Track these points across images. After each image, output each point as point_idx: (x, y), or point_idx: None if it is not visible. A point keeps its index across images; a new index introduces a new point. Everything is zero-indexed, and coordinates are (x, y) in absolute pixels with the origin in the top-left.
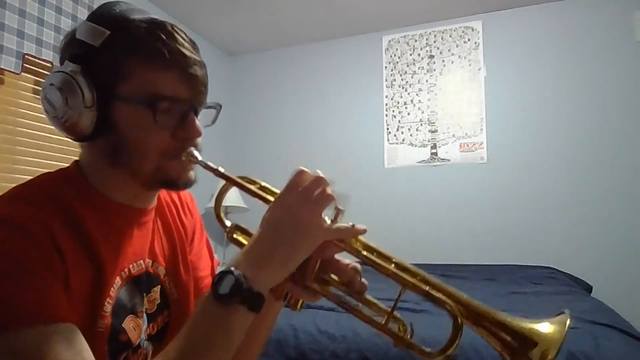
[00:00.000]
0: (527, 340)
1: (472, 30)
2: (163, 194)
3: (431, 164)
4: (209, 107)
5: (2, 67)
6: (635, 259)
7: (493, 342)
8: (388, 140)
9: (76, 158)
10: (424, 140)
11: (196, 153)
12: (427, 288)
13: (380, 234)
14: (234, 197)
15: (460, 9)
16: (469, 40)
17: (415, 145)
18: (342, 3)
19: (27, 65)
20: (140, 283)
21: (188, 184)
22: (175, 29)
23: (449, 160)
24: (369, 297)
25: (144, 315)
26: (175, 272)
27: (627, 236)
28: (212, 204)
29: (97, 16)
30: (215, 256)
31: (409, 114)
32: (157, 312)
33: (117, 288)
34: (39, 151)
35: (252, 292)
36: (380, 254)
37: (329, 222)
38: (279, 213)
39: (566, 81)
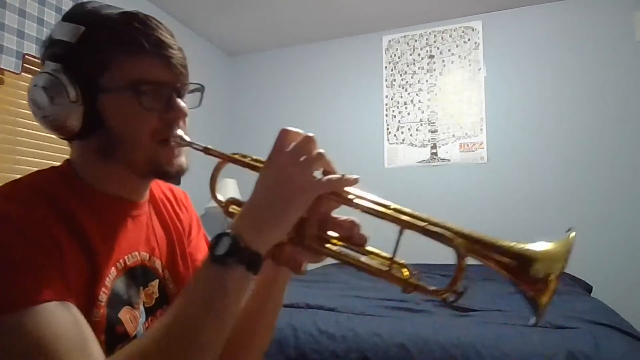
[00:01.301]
0: (526, 258)
1: (472, 30)
2: (157, 191)
3: (431, 164)
4: (193, 90)
5: (2, 67)
6: (635, 259)
7: (497, 268)
8: (388, 140)
9: None
10: (424, 140)
11: (184, 135)
12: (424, 224)
13: (380, 233)
14: (232, 193)
15: (460, 9)
16: (469, 40)
17: (415, 145)
18: (342, 3)
19: (27, 65)
20: (136, 275)
21: (180, 171)
22: (149, 17)
23: (449, 160)
24: (369, 247)
25: (141, 307)
26: (174, 266)
27: (627, 236)
28: (212, 204)
29: (71, 15)
30: None
31: (409, 114)
32: (156, 306)
33: (112, 279)
34: (39, 151)
35: (249, 251)
36: (376, 202)
37: (319, 177)
38: (270, 174)
39: (566, 81)
